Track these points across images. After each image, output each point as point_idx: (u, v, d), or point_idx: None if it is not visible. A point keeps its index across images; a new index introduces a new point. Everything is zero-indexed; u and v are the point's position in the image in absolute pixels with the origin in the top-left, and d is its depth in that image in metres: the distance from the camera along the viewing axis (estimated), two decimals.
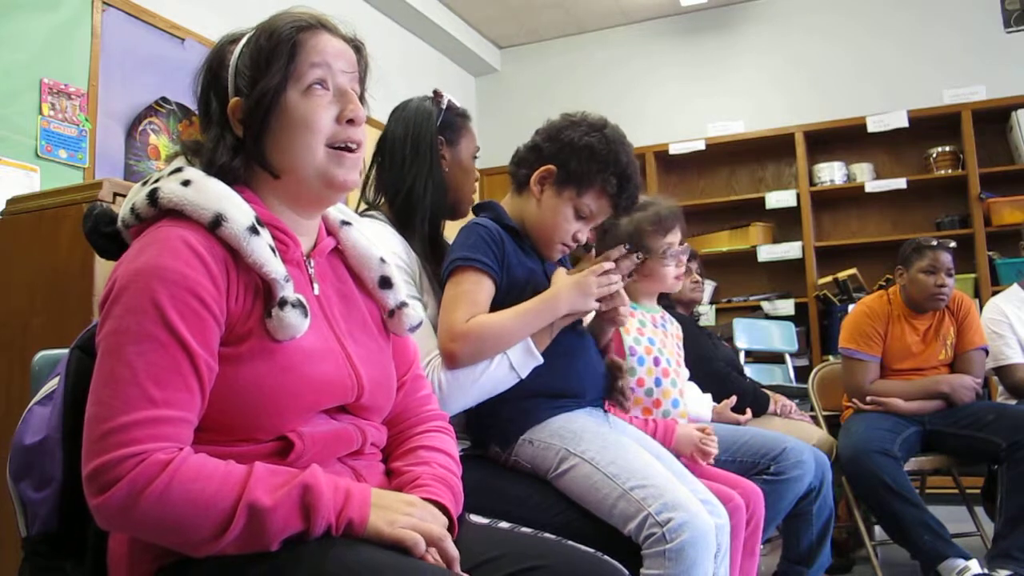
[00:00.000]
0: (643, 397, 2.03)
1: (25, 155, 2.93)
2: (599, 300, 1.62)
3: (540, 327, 1.59)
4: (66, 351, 1.19)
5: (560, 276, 1.66)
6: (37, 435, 1.13)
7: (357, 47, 1.21)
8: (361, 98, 1.21)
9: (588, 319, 1.77)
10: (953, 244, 3.27)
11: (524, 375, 1.59)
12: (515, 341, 1.57)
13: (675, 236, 2.15)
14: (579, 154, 1.64)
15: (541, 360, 1.59)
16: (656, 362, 2.07)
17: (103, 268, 1.93)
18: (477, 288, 1.59)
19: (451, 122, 1.88)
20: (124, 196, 1.77)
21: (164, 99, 3.51)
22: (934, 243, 3.21)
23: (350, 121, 1.13)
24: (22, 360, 1.38)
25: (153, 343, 0.97)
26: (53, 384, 1.18)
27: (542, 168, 1.68)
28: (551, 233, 1.69)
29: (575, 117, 1.71)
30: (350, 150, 1.14)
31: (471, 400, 1.58)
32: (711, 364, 3.11)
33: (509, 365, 1.57)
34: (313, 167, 1.12)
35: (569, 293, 1.60)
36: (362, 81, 1.22)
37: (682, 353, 2.28)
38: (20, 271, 2.09)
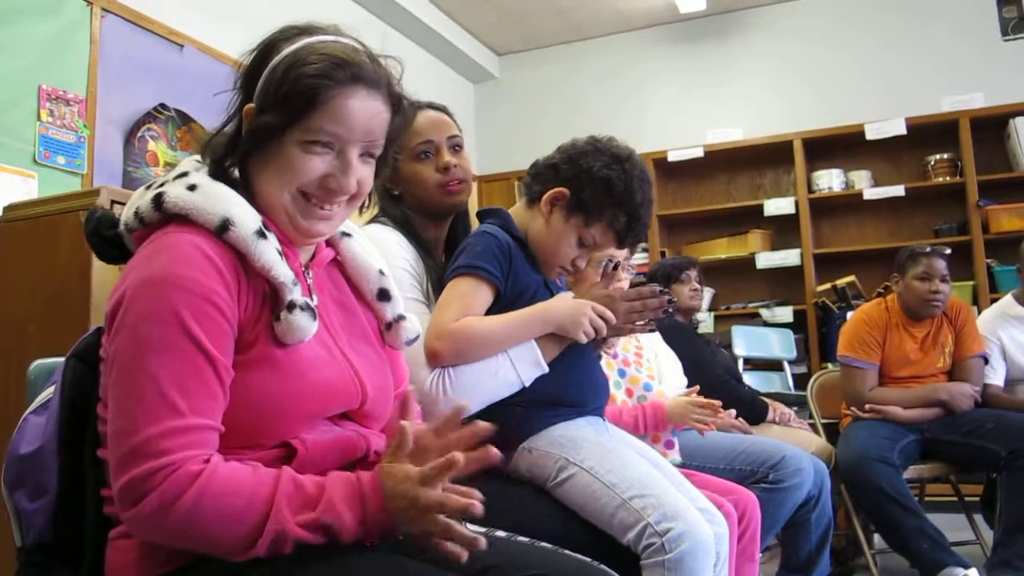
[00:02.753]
0: (613, 389, 2.07)
1: (23, 161, 2.92)
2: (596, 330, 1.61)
3: (528, 338, 1.58)
4: (62, 360, 1.19)
5: (562, 294, 1.67)
6: (32, 445, 1.13)
7: (396, 105, 1.15)
8: (384, 157, 1.16)
9: None
10: (948, 251, 3.27)
11: (528, 383, 1.58)
12: (501, 347, 1.56)
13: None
14: (594, 185, 1.61)
15: (546, 369, 1.59)
16: (614, 356, 2.17)
17: (100, 276, 1.93)
18: (473, 292, 1.58)
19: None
20: (121, 203, 1.76)
21: (163, 105, 3.50)
22: (928, 250, 3.23)
23: (332, 189, 1.10)
24: (18, 368, 1.37)
25: (175, 352, 0.96)
26: (49, 393, 1.18)
27: (555, 190, 1.65)
28: (551, 255, 1.68)
29: (600, 143, 1.66)
30: (321, 207, 1.11)
31: (472, 406, 1.55)
32: (709, 372, 3.11)
33: (515, 373, 1.57)
34: (280, 205, 1.10)
35: (560, 312, 1.59)
36: (392, 141, 1.16)
37: (642, 344, 2.34)
38: (17, 279, 2.09)
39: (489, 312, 1.60)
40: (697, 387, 2.21)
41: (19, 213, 2.16)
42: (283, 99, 1.06)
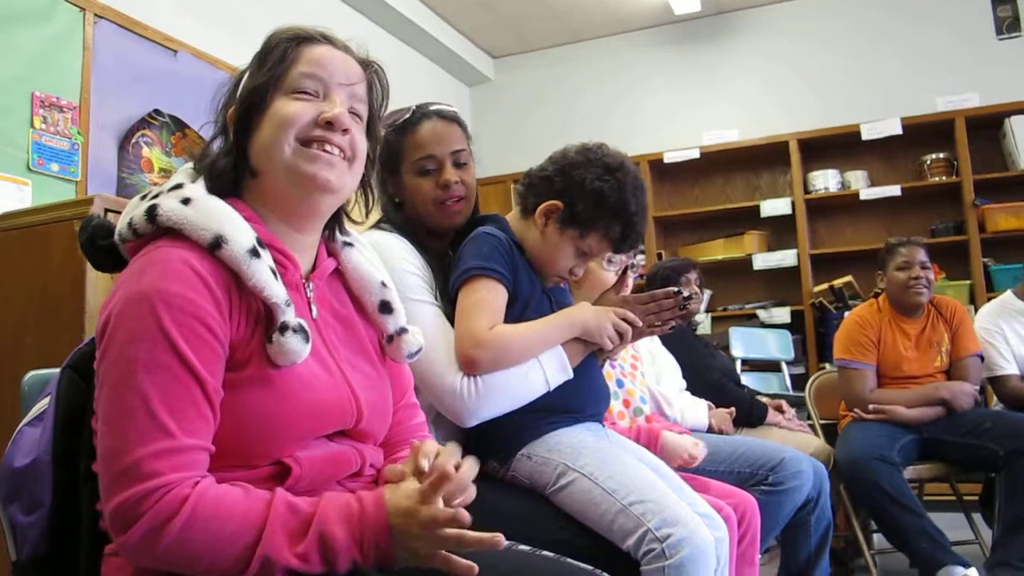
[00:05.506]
0: (612, 401, 2.07)
1: (17, 169, 2.91)
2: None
3: (555, 344, 1.61)
4: (57, 371, 1.17)
5: (583, 303, 1.71)
6: (27, 457, 1.11)
7: (365, 64, 1.20)
8: (371, 120, 1.19)
9: None
10: (924, 240, 3.31)
11: (553, 387, 1.60)
12: (534, 354, 1.59)
13: None
14: (587, 198, 1.64)
15: (572, 375, 1.62)
16: (612, 366, 2.16)
17: (95, 286, 1.91)
18: (493, 296, 1.60)
19: (388, 147, 1.75)
20: (115, 212, 1.75)
21: (157, 111, 3.48)
22: (904, 240, 3.29)
23: (328, 124, 1.11)
24: (12, 379, 1.36)
25: (165, 372, 0.94)
26: (44, 404, 1.16)
27: (549, 203, 1.68)
28: (548, 266, 1.71)
29: (592, 153, 1.68)
30: (325, 150, 1.11)
31: (500, 408, 1.58)
32: (707, 374, 3.10)
33: (544, 377, 1.59)
34: (282, 162, 1.09)
35: (586, 318, 1.64)
36: (371, 100, 1.20)
37: (639, 355, 2.34)
38: (11, 288, 2.07)
39: None
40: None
41: (12, 222, 2.15)
42: (261, 63, 1.14)
